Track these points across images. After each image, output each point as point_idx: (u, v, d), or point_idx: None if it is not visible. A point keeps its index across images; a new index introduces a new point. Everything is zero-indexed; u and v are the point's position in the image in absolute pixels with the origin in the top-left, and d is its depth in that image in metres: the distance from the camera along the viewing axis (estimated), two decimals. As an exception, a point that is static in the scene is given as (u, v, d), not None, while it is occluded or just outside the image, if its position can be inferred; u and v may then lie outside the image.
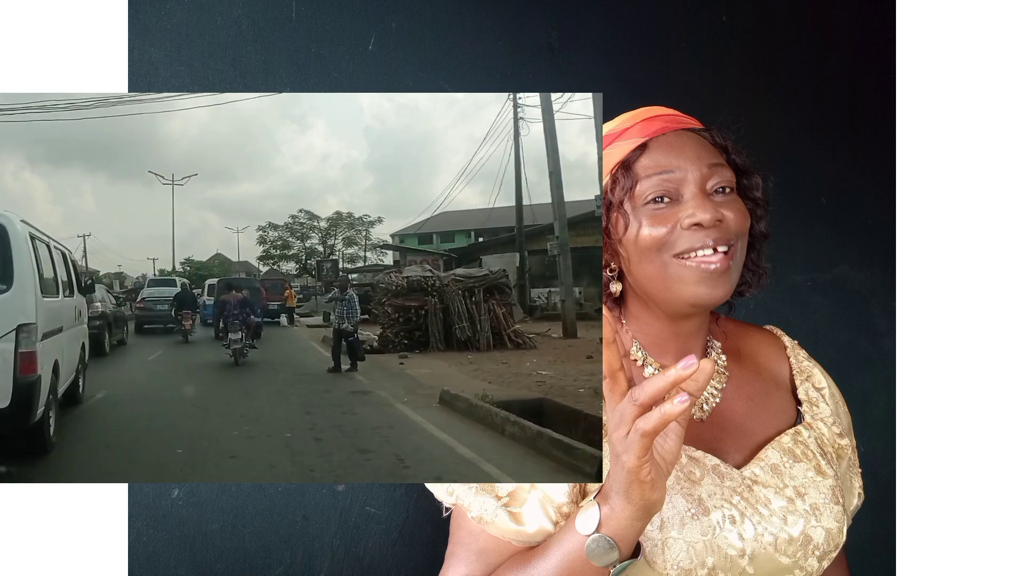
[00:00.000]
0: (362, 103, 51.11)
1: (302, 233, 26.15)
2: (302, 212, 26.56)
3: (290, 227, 26.08)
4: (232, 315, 7.32)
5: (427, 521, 2.05)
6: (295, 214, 26.41)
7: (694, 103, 1.29)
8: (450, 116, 45.77)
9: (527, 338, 8.10)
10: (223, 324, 7.39)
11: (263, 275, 23.29)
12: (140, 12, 1.89)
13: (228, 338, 7.16)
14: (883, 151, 1.74)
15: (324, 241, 26.40)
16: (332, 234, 26.43)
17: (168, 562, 1.92)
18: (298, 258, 26.30)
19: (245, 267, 30.70)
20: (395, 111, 46.43)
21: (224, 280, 12.78)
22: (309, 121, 51.04)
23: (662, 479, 0.97)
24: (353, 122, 51.83)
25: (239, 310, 7.42)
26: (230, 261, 32.22)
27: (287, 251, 26.26)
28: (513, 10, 2.10)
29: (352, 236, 26.52)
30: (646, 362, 1.21)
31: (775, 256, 1.27)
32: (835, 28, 2.48)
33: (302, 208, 29.91)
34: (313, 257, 25.69)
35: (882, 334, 2.49)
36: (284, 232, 26.21)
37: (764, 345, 1.35)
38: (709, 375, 0.91)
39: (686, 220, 1.12)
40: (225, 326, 7.32)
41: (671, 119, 1.21)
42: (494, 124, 29.59)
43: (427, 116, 46.07)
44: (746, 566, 1.11)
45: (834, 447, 1.28)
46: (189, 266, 28.18)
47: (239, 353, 7.07)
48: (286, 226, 26.13)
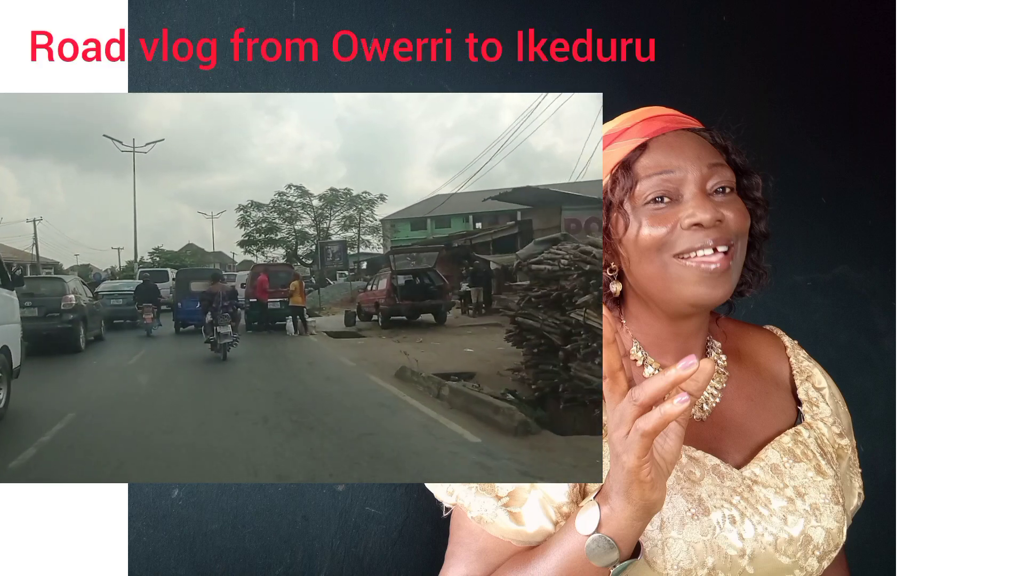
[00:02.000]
0: (334, 94, 50.94)
1: (291, 213, 22.72)
2: (291, 188, 22.88)
3: (277, 206, 22.53)
4: (222, 307, 6.92)
5: (427, 521, 2.05)
6: (282, 191, 22.83)
7: (694, 103, 1.29)
8: (422, 108, 45.64)
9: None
10: (211, 317, 6.94)
11: (238, 264, 21.26)
12: (140, 12, 1.89)
13: (215, 332, 6.73)
14: (883, 151, 1.74)
15: (318, 223, 22.93)
16: (327, 215, 23.00)
17: (168, 562, 1.92)
18: (287, 243, 22.77)
19: (219, 258, 28.12)
20: (368, 101, 45.67)
21: (184, 271, 12.13)
22: (283, 112, 50.73)
23: (662, 479, 0.97)
24: (326, 112, 51.57)
25: (228, 302, 7.08)
26: (203, 251, 29.64)
27: (273, 235, 22.76)
28: (513, 10, 2.10)
29: (353, 216, 23.12)
30: (646, 362, 1.21)
31: (775, 256, 1.27)
32: (835, 28, 2.48)
33: (291, 184, 25.07)
34: (306, 242, 22.62)
35: (882, 334, 2.48)
36: (270, 212, 22.62)
37: (764, 345, 1.35)
38: (709, 375, 0.91)
39: (686, 220, 1.12)
40: (213, 319, 6.88)
41: (671, 119, 1.21)
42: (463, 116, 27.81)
43: (400, 107, 45.77)
44: (746, 566, 1.11)
45: (834, 447, 1.28)
46: (159, 256, 25.04)
47: (226, 348, 6.66)
48: (273, 205, 22.53)
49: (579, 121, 28.53)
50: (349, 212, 23.22)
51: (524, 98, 10.41)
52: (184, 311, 9.65)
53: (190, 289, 9.52)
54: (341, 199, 23.20)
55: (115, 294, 11.12)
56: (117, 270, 23.39)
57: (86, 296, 8.29)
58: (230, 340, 6.77)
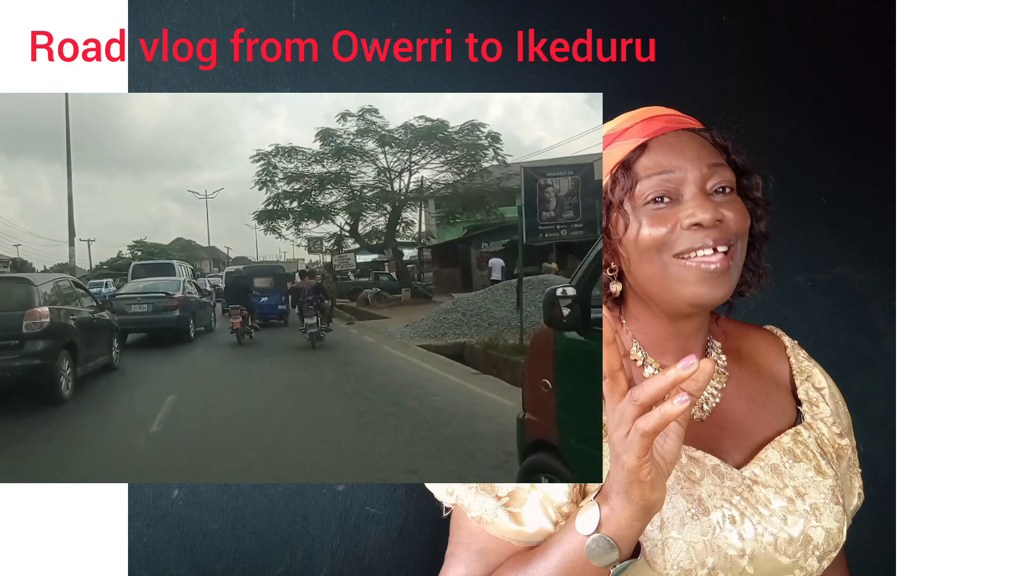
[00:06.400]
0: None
1: (353, 158, 13.21)
2: (366, 111, 13.33)
3: (328, 152, 13.13)
4: (307, 300, 7.67)
5: (427, 521, 2.05)
6: (337, 122, 13.11)
7: (694, 103, 1.29)
8: (408, 103, 45.29)
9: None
10: (299, 310, 7.81)
11: (232, 260, 17.59)
12: (140, 12, 1.89)
13: (304, 323, 7.55)
14: (883, 151, 1.74)
15: (401, 172, 12.99)
16: (421, 151, 13.08)
17: (168, 562, 1.92)
18: (353, 208, 13.57)
19: (213, 253, 27.27)
20: (355, 96, 45.44)
21: (248, 268, 11.68)
22: (272, 109, 50.46)
23: (662, 479, 0.97)
24: (314, 108, 51.33)
25: (313, 295, 7.79)
26: (197, 245, 27.80)
27: (317, 198, 13.69)
28: (513, 10, 2.11)
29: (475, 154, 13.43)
30: (646, 362, 1.21)
31: (775, 256, 1.26)
32: (835, 28, 2.48)
33: (364, 108, 13.70)
34: (385, 202, 13.48)
35: (882, 334, 2.48)
36: (304, 162, 13.52)
37: (764, 345, 1.35)
38: (709, 375, 0.91)
39: (686, 220, 1.12)
40: (301, 312, 7.69)
41: (671, 119, 1.21)
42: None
43: (387, 102, 45.38)
44: (746, 566, 1.11)
45: (834, 447, 1.28)
46: (140, 249, 21.62)
47: (316, 337, 7.42)
48: (315, 155, 13.33)
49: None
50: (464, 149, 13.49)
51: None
52: (260, 306, 9.44)
53: (254, 285, 9.59)
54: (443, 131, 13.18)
55: (136, 298, 8.26)
56: (91, 268, 21.45)
57: (83, 308, 5.11)
58: (316, 329, 7.54)
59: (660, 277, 1.14)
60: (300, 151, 13.87)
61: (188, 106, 47.48)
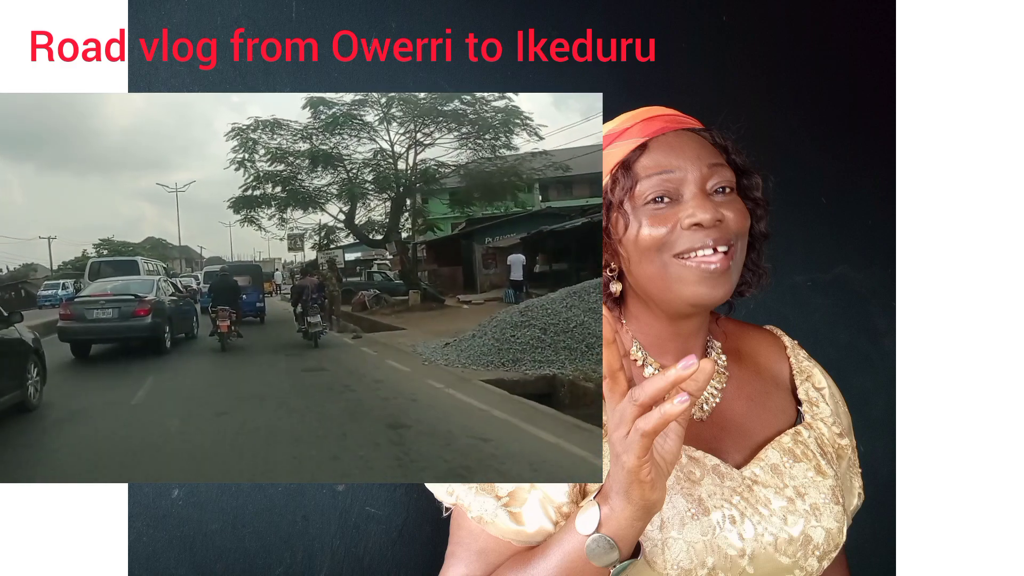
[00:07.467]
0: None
1: (344, 136, 11.28)
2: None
3: (312, 129, 11.15)
4: (311, 299, 7.65)
5: (427, 521, 2.05)
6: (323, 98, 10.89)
7: (694, 103, 1.29)
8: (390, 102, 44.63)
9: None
10: (301, 308, 7.73)
11: (206, 260, 16.25)
12: (140, 12, 1.89)
13: (306, 322, 7.49)
14: (883, 151, 1.74)
15: (405, 148, 11.28)
16: (417, 126, 11.27)
17: (168, 562, 1.92)
18: (351, 191, 11.55)
19: (185, 252, 26.47)
20: (336, 99, 44.20)
21: (226, 268, 11.34)
22: (248, 109, 50.19)
23: (662, 479, 0.97)
24: (289, 107, 51.18)
25: (317, 294, 7.78)
26: (168, 244, 26.89)
27: (304, 182, 11.55)
28: (513, 10, 2.11)
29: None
30: (646, 362, 1.21)
31: (775, 256, 1.26)
32: (835, 28, 2.48)
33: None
34: (386, 187, 11.63)
35: (882, 334, 2.48)
36: (290, 138, 11.37)
37: (764, 345, 1.35)
38: (709, 375, 0.91)
39: (686, 220, 1.12)
40: (304, 310, 7.64)
41: (671, 119, 1.21)
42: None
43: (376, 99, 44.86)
44: (746, 566, 1.11)
45: (834, 447, 1.28)
46: (107, 248, 19.94)
47: (318, 336, 7.39)
48: (299, 129, 11.28)
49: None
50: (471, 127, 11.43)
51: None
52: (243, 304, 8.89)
53: (238, 284, 9.03)
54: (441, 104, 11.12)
55: (99, 302, 6.88)
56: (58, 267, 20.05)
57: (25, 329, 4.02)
58: (319, 328, 7.52)
59: (660, 277, 1.14)
60: (285, 125, 11.44)
61: (160, 106, 47.05)
